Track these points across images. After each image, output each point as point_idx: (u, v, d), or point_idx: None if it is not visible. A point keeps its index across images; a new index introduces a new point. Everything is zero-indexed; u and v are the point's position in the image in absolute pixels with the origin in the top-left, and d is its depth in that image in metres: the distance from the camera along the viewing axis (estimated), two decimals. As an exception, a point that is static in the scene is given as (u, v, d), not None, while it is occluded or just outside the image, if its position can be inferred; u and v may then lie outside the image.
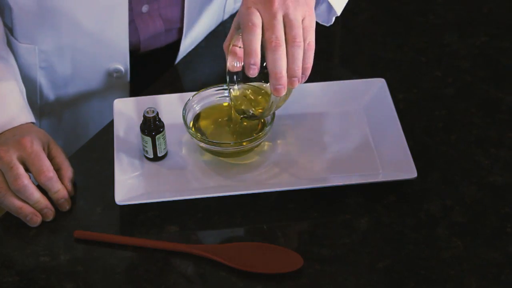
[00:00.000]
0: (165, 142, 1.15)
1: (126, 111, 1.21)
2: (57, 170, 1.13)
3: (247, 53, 1.03)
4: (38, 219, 1.09)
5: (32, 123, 1.17)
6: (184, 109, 1.16)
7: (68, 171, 1.14)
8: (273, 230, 1.09)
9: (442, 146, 1.19)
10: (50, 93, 1.33)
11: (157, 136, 1.13)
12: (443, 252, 1.06)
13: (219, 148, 1.13)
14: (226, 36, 1.37)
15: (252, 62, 1.03)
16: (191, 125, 1.16)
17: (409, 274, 1.04)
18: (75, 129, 1.37)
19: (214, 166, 1.15)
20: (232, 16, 1.40)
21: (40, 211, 1.10)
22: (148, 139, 1.13)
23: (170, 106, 1.20)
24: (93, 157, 1.18)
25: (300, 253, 1.04)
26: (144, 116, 1.13)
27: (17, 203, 1.09)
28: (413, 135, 1.19)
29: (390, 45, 1.29)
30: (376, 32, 1.33)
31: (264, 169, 1.14)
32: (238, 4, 1.42)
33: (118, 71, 1.30)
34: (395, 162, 1.13)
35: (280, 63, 1.03)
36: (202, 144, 1.14)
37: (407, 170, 1.12)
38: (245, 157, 1.15)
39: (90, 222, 1.10)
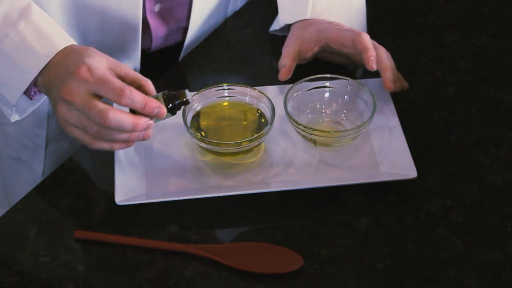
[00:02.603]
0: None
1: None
2: (137, 88, 1.07)
3: None
4: (149, 133, 1.07)
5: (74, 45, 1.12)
6: (184, 109, 1.16)
7: (149, 85, 1.07)
8: (273, 230, 1.09)
9: (442, 146, 1.19)
10: None
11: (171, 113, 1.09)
12: (443, 252, 1.06)
13: (219, 148, 1.13)
14: (227, 36, 1.37)
15: None
16: (191, 125, 1.16)
17: (409, 274, 1.04)
18: None
19: (214, 166, 1.15)
20: (236, 13, 1.41)
21: (143, 130, 1.06)
22: (169, 115, 1.09)
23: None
24: (93, 157, 1.18)
25: (300, 253, 1.04)
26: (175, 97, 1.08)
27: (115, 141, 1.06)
28: (413, 135, 1.19)
29: (390, 45, 1.29)
30: (376, 32, 1.33)
31: (264, 169, 1.14)
32: (242, 2, 1.43)
33: None
34: (395, 162, 1.13)
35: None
36: (202, 144, 1.14)
37: (407, 170, 1.12)
38: (245, 157, 1.15)
39: (90, 222, 1.10)
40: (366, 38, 1.20)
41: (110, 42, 1.27)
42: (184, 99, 1.07)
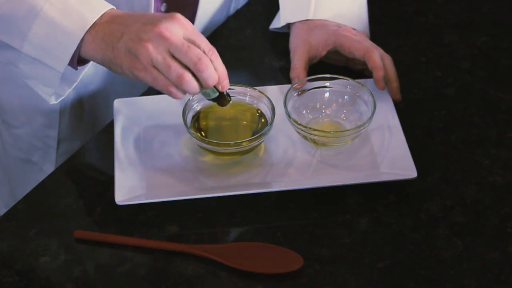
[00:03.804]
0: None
1: (126, 111, 1.21)
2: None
3: None
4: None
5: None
6: (184, 109, 1.16)
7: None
8: (273, 230, 1.09)
9: (442, 146, 1.19)
10: (71, 92, 1.31)
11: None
12: (443, 252, 1.06)
13: (219, 148, 1.13)
14: (227, 36, 1.37)
15: None
16: (191, 125, 1.16)
17: (409, 274, 1.04)
18: (94, 127, 1.36)
19: (214, 166, 1.15)
20: (236, 13, 1.41)
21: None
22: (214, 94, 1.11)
23: (170, 106, 1.20)
24: (93, 157, 1.18)
25: (300, 253, 1.04)
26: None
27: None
28: (413, 135, 1.19)
29: (390, 45, 1.29)
30: (376, 32, 1.33)
31: (264, 169, 1.14)
32: (244, 0, 1.43)
33: None
34: (395, 162, 1.13)
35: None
36: (202, 144, 1.14)
37: (407, 170, 1.12)
38: (245, 157, 1.15)
39: (90, 222, 1.10)
40: (378, 56, 1.22)
41: None
42: (228, 98, 1.11)
